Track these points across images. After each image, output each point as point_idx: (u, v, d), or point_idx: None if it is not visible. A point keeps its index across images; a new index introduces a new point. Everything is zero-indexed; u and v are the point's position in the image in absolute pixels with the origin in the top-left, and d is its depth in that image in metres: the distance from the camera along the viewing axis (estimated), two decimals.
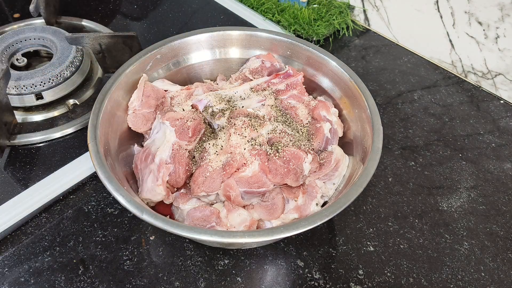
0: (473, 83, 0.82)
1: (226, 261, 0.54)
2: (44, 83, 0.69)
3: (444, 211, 0.61)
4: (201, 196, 0.52)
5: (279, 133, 0.54)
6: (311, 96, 0.64)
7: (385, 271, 0.54)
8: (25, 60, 0.75)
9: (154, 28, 0.91)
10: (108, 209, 0.59)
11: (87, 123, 0.52)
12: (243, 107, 0.57)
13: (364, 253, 0.56)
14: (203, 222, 0.50)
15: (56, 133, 0.67)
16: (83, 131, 0.69)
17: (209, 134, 0.56)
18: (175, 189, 0.54)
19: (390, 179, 0.65)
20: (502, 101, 0.78)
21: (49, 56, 0.77)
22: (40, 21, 0.85)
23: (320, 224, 0.44)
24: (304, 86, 0.63)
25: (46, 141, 0.67)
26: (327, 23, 0.88)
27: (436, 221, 0.60)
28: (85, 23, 0.88)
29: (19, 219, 0.56)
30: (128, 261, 0.54)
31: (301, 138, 0.55)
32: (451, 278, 0.54)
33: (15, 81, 0.68)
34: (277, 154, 0.52)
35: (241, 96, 0.60)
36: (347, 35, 0.91)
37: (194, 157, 0.55)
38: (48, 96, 0.70)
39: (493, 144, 0.70)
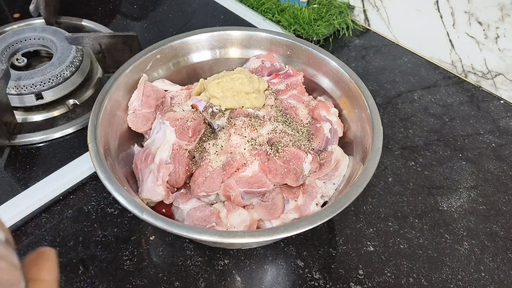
0: (473, 83, 0.82)
1: (226, 261, 0.54)
2: (44, 83, 0.69)
3: (444, 211, 0.61)
4: (201, 196, 0.52)
5: (279, 133, 0.54)
6: (311, 96, 0.64)
7: (385, 271, 0.54)
8: (25, 60, 0.75)
9: (154, 28, 0.91)
10: (108, 209, 0.59)
11: (87, 123, 0.52)
12: (243, 107, 0.57)
13: (364, 253, 0.56)
14: (203, 222, 0.50)
15: (56, 133, 0.67)
16: (83, 131, 0.69)
17: (209, 134, 0.56)
18: (175, 189, 0.54)
19: (390, 179, 0.65)
20: (502, 101, 0.78)
21: (49, 56, 0.77)
22: (40, 21, 0.85)
23: (320, 224, 0.44)
24: (304, 86, 0.63)
25: (46, 141, 0.67)
26: (327, 23, 0.88)
27: (436, 221, 0.60)
28: (85, 23, 0.88)
29: (19, 219, 0.56)
30: (128, 261, 0.54)
31: (301, 138, 0.55)
32: (451, 278, 0.54)
33: (15, 81, 0.68)
34: (277, 154, 0.52)
35: None
36: (347, 35, 0.91)
37: (194, 157, 0.55)
38: (48, 96, 0.70)
39: (493, 144, 0.70)
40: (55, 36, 0.76)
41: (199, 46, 0.65)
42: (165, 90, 0.62)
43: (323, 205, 0.54)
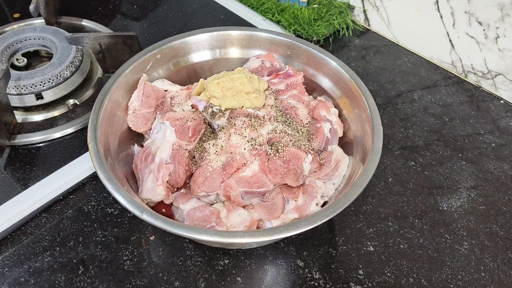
0: (473, 83, 0.82)
1: (226, 261, 0.54)
2: (44, 83, 0.69)
3: (444, 211, 0.61)
4: (201, 196, 0.52)
5: (279, 133, 0.54)
6: (311, 96, 0.64)
7: (385, 271, 0.54)
8: (25, 60, 0.75)
9: (154, 28, 0.91)
10: (108, 209, 0.59)
11: (87, 123, 0.52)
12: (243, 107, 0.57)
13: (364, 253, 0.56)
14: (203, 222, 0.50)
15: (56, 133, 0.67)
16: (83, 131, 0.69)
17: (209, 134, 0.56)
18: (175, 189, 0.54)
19: (390, 179, 0.65)
20: (502, 101, 0.78)
21: (49, 56, 0.77)
22: (40, 21, 0.85)
23: (320, 224, 0.44)
24: (304, 86, 0.63)
25: (46, 141, 0.67)
26: (327, 23, 0.88)
27: (436, 221, 0.60)
28: (85, 23, 0.88)
29: (19, 219, 0.56)
30: (128, 261, 0.54)
31: (301, 138, 0.55)
32: (451, 278, 0.54)
33: (15, 81, 0.68)
34: (277, 154, 0.52)
35: None
36: (347, 35, 0.91)
37: (194, 157, 0.55)
38: (48, 96, 0.70)
39: (493, 144, 0.70)
40: (55, 36, 0.76)
41: (199, 46, 0.65)
42: (165, 90, 0.62)
43: (323, 205, 0.54)
